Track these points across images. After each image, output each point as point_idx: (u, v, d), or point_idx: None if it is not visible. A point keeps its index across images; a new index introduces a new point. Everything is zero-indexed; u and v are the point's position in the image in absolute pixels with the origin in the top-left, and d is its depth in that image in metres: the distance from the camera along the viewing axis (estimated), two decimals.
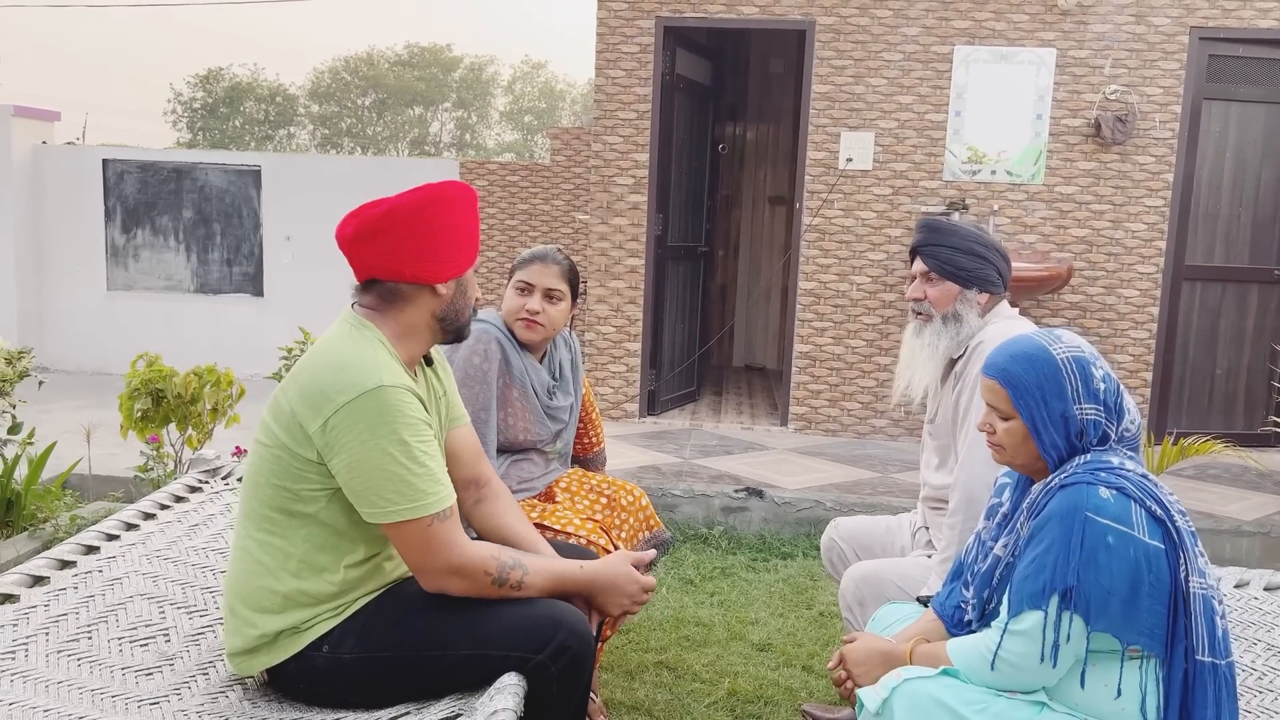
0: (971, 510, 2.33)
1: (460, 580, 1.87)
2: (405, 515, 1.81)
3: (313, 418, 1.81)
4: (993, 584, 1.91)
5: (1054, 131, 5.78)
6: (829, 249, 5.93)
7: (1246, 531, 4.38)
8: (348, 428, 1.79)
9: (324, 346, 1.91)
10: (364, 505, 1.83)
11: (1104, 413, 1.83)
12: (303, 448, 1.84)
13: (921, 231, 2.53)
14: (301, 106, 39.06)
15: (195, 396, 4.18)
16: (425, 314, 1.95)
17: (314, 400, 1.82)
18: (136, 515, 2.66)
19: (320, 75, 38.51)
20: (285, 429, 1.85)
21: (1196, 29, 5.68)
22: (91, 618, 2.15)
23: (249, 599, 1.92)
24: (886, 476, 5.07)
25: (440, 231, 1.90)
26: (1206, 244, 5.96)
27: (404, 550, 1.87)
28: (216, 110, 37.07)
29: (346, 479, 1.82)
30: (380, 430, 1.79)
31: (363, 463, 1.79)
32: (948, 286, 2.46)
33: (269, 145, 36.89)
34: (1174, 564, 1.72)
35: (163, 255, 8.05)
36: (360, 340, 1.89)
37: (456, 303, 1.98)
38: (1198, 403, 6.06)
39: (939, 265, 2.46)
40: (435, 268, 1.92)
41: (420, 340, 1.98)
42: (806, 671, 3.17)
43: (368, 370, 1.82)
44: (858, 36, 5.80)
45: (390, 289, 1.92)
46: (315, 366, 1.87)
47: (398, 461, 1.80)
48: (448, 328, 2.00)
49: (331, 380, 1.82)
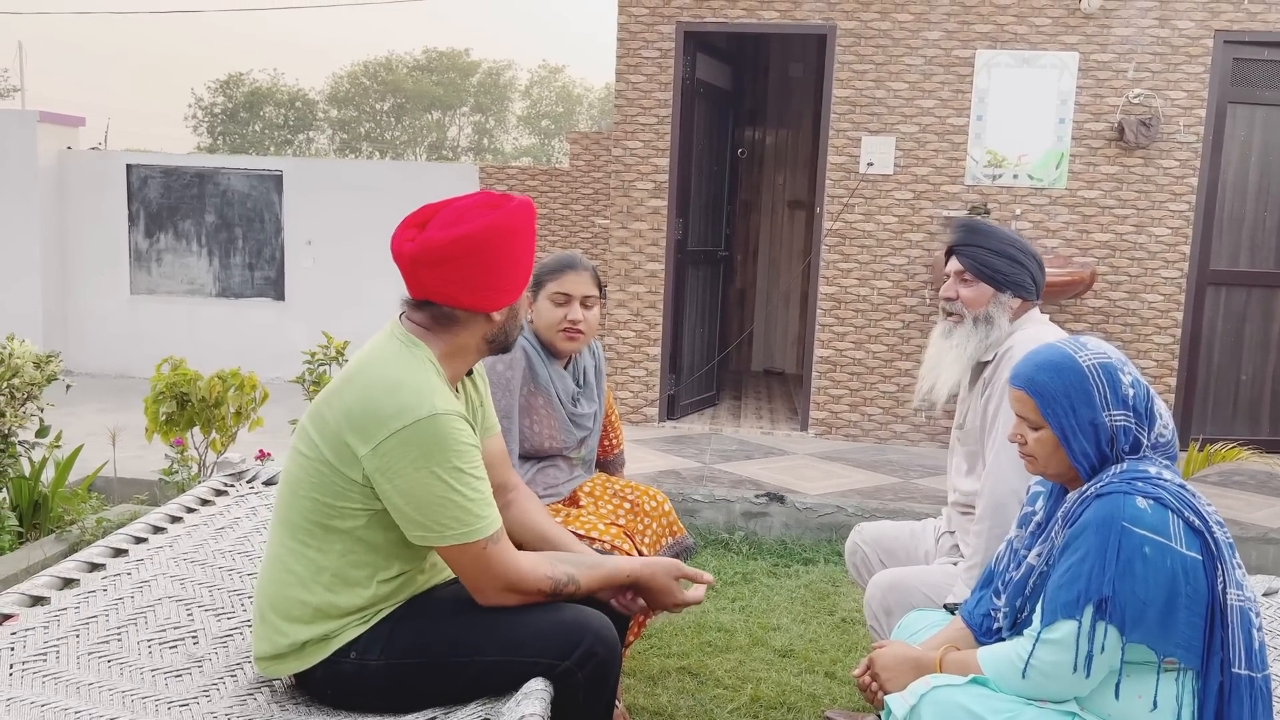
0: (999, 518, 2.32)
1: (516, 596, 1.89)
2: (461, 539, 1.81)
3: (363, 441, 1.79)
4: (1026, 593, 1.90)
5: (1076, 135, 5.74)
6: (850, 253, 5.91)
7: (1274, 539, 4.34)
8: (401, 454, 1.77)
9: (373, 364, 1.88)
10: (416, 529, 1.82)
11: (1134, 419, 1.81)
12: (348, 467, 1.82)
13: (959, 231, 2.50)
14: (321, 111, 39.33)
15: (219, 400, 4.21)
16: (477, 337, 1.93)
17: (365, 424, 1.80)
18: (164, 518, 2.67)
19: (339, 80, 38.76)
20: (330, 446, 1.83)
21: (1221, 32, 5.63)
22: (121, 620, 2.16)
23: (279, 607, 1.93)
24: (908, 482, 5.05)
25: (504, 262, 1.87)
26: (1231, 249, 5.91)
27: (459, 571, 1.88)
28: (237, 115, 37.36)
29: (398, 503, 1.81)
30: (435, 458, 1.78)
31: (417, 489, 1.79)
32: (982, 288, 2.44)
33: (288, 150, 37.14)
34: (1211, 576, 1.71)
35: (185, 259, 8.11)
36: (411, 361, 1.86)
37: (508, 325, 1.96)
38: (1223, 409, 6.00)
39: (975, 266, 2.44)
40: (494, 296, 1.89)
41: (467, 359, 1.96)
42: (829, 678, 3.16)
43: (421, 395, 1.80)
44: (879, 41, 5.78)
45: (445, 313, 1.89)
46: (366, 386, 1.84)
47: (453, 489, 1.79)
48: (495, 348, 1.99)
49: (384, 404, 1.79)
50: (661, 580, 2.05)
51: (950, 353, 2.47)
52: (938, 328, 2.55)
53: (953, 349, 2.46)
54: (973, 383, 2.52)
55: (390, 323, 1.96)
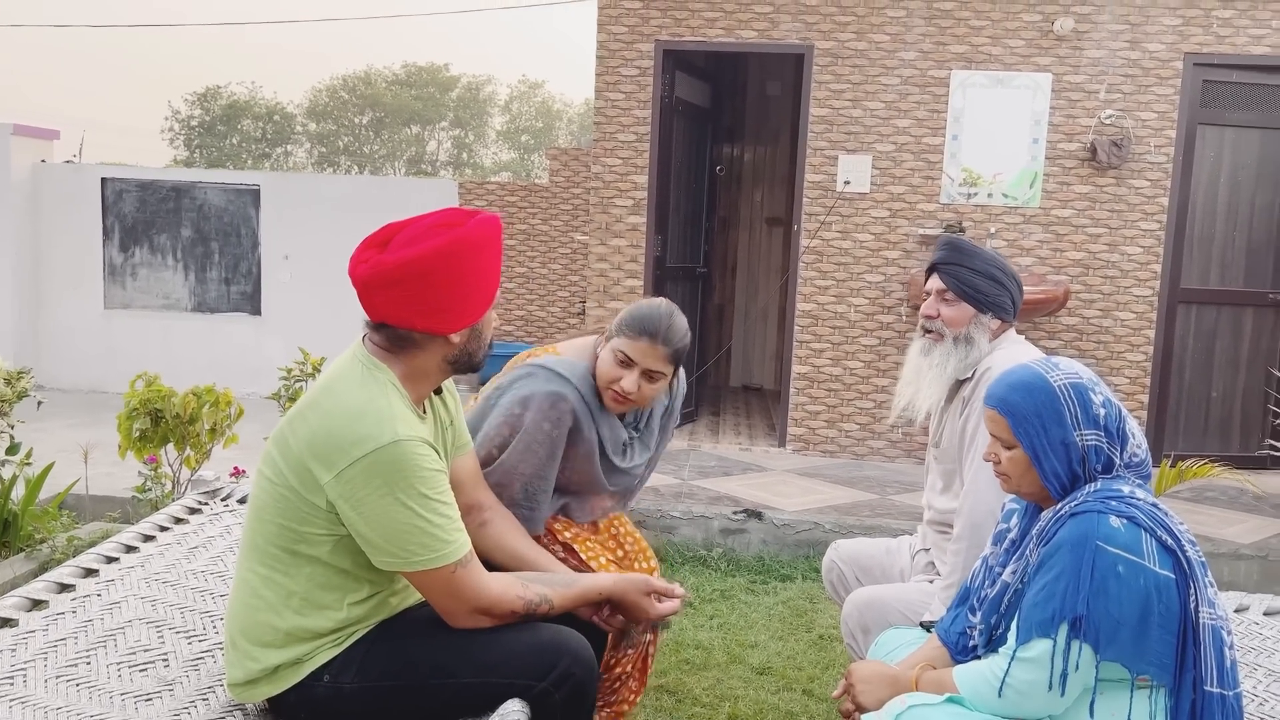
0: (976, 537, 2.33)
1: (488, 619, 1.88)
2: (429, 565, 1.79)
3: (326, 469, 1.77)
4: (1001, 610, 1.91)
5: (1050, 155, 5.82)
6: (827, 270, 5.95)
7: (1245, 555, 4.38)
8: (364, 482, 1.75)
9: (336, 388, 1.85)
10: (383, 556, 1.80)
11: (1105, 438, 1.83)
12: (312, 493, 1.80)
13: (943, 249, 2.50)
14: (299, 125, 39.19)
15: (194, 417, 4.17)
16: (436, 358, 1.89)
17: (327, 451, 1.77)
18: (136, 537, 2.65)
19: (318, 94, 38.65)
20: (294, 471, 1.81)
21: (1191, 55, 5.73)
22: (90, 642, 2.13)
23: (249, 632, 1.90)
24: (885, 498, 5.07)
25: (459, 283, 1.81)
26: (1201, 267, 5.99)
27: (429, 596, 1.86)
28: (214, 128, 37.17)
29: (363, 530, 1.78)
30: (398, 485, 1.75)
31: (381, 516, 1.76)
32: (964, 308, 2.44)
33: (266, 163, 36.97)
34: (1184, 594, 1.72)
35: (160, 274, 8.05)
36: (374, 385, 1.83)
37: (469, 346, 1.91)
38: (1194, 425, 6.07)
39: (958, 285, 2.45)
40: (450, 319, 1.84)
41: (430, 381, 1.93)
42: (807, 695, 3.16)
43: (383, 422, 1.77)
44: (855, 61, 5.84)
45: (402, 335, 1.85)
46: (328, 412, 1.81)
47: (419, 515, 1.77)
48: (459, 369, 1.94)
49: (345, 431, 1.76)
50: (634, 596, 2.06)
51: (929, 371, 2.47)
52: (915, 344, 2.54)
53: (932, 368, 2.46)
54: (950, 401, 2.53)
55: (354, 344, 1.93)
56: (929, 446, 2.65)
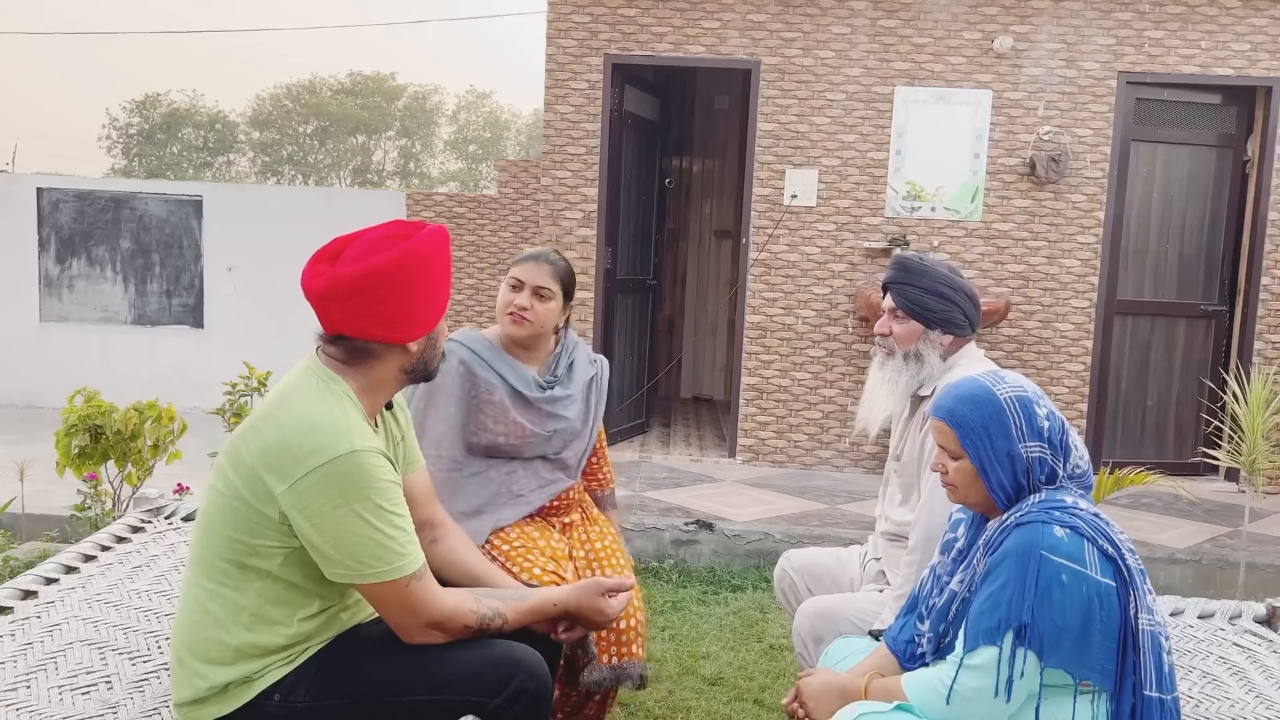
0: (929, 549, 2.36)
1: (441, 633, 1.87)
2: (383, 577, 1.78)
3: (280, 479, 1.76)
4: (949, 618, 1.95)
5: (991, 170, 5.95)
6: (775, 283, 6.02)
7: (1180, 559, 4.52)
8: (319, 493, 1.74)
9: (290, 400, 1.85)
10: (336, 568, 1.79)
11: (1049, 450, 1.88)
12: (265, 505, 1.78)
13: (894, 269, 2.57)
14: (242, 133, 38.59)
15: (136, 433, 4.09)
16: (394, 369, 1.90)
17: (282, 461, 1.76)
18: (76, 557, 2.59)
19: (261, 102, 38.11)
20: (246, 483, 1.79)
21: (1124, 73, 5.91)
22: (30, 665, 2.08)
23: (197, 649, 1.87)
24: (834, 508, 5.13)
25: (415, 292, 1.84)
26: (1136, 280, 6.17)
27: (382, 609, 1.85)
28: (153, 137, 36.47)
29: (316, 542, 1.77)
30: (353, 496, 1.75)
31: (335, 527, 1.75)
32: (912, 325, 2.50)
33: (208, 173, 36.34)
34: (1124, 601, 1.77)
35: (99, 286, 7.87)
36: (329, 397, 1.83)
37: (426, 355, 1.93)
38: (1131, 433, 6.24)
39: (906, 304, 2.51)
40: (407, 328, 1.86)
41: (385, 392, 1.93)
42: (759, 705, 3.18)
43: (339, 433, 1.77)
44: (802, 76, 5.92)
45: (360, 346, 1.86)
46: (283, 424, 1.80)
47: (373, 526, 1.76)
48: (415, 378, 1.97)
49: (301, 442, 1.76)
50: (587, 602, 2.04)
51: (883, 385, 2.53)
52: (875, 360, 2.62)
53: (885, 382, 2.53)
54: (911, 416, 2.58)
55: (307, 357, 1.92)
56: (890, 460, 2.69)
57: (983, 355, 2.60)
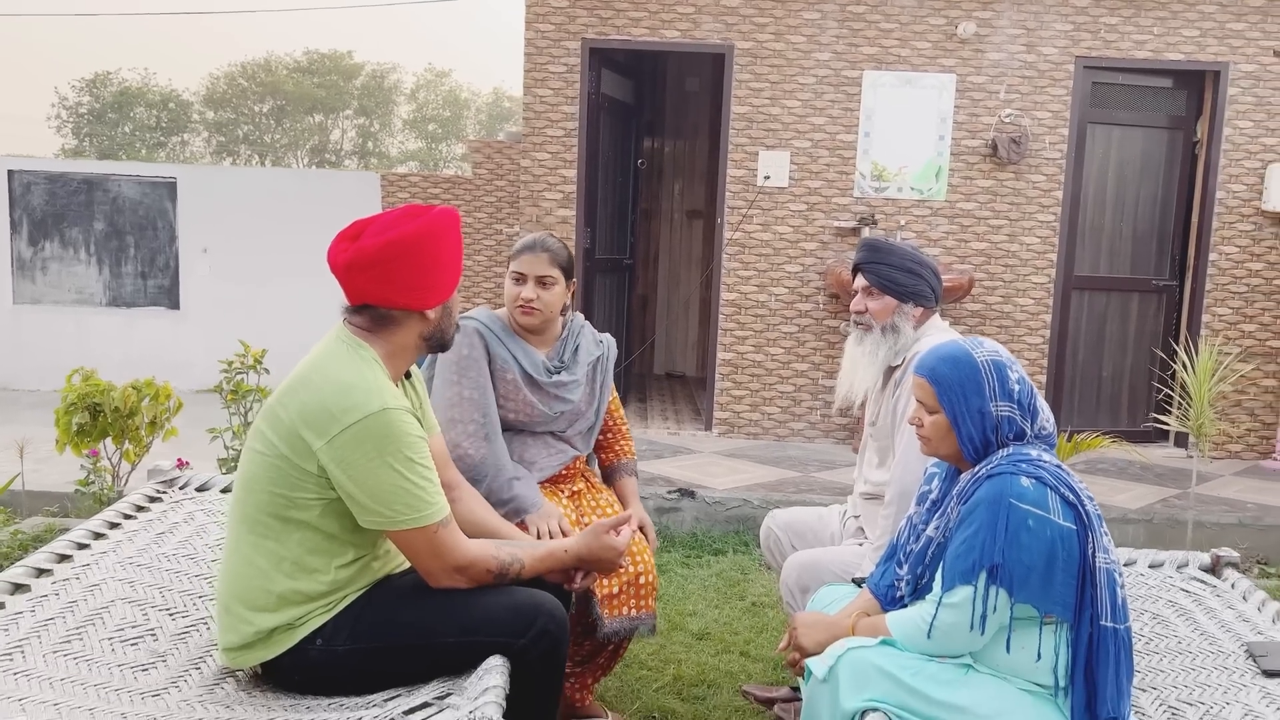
0: (904, 503, 2.57)
1: (465, 577, 2.04)
2: (413, 524, 1.96)
3: (317, 436, 1.92)
4: (925, 562, 2.15)
5: (955, 151, 6.18)
6: (749, 261, 6.21)
7: (1132, 519, 4.80)
8: (355, 447, 1.91)
9: (324, 365, 2.01)
10: (370, 516, 1.96)
11: (1018, 410, 2.08)
12: (304, 460, 1.95)
13: (864, 250, 2.77)
14: (196, 113, 37.90)
15: (133, 410, 4.19)
16: (414, 335, 2.08)
17: (320, 419, 1.93)
18: (102, 525, 2.72)
19: (215, 81, 37.42)
20: (285, 441, 1.96)
21: (1081, 58, 6.15)
22: (79, 621, 2.22)
23: (243, 598, 2.04)
24: (807, 476, 5.35)
25: (433, 262, 2.03)
26: (1093, 256, 6.45)
27: (412, 555, 2.02)
28: (105, 116, 35.72)
29: (353, 492, 1.94)
30: (387, 449, 1.92)
31: (370, 479, 1.92)
32: (886, 301, 2.71)
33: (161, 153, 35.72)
34: (1084, 543, 1.97)
35: (73, 268, 7.88)
36: (359, 362, 2.01)
37: (443, 323, 2.12)
38: (1087, 402, 6.54)
39: (878, 281, 2.71)
40: (426, 295, 2.04)
41: (408, 358, 2.11)
42: (744, 656, 3.39)
43: (371, 393, 1.95)
44: (774, 61, 6.10)
45: (382, 314, 2.04)
46: (318, 387, 1.97)
47: (404, 477, 1.94)
48: (433, 345, 2.14)
49: (336, 401, 1.93)
50: (597, 544, 2.21)
51: (863, 359, 2.73)
52: (851, 336, 2.81)
53: (865, 355, 2.73)
54: (884, 385, 2.79)
55: (335, 327, 2.09)
56: (866, 426, 2.90)
57: (947, 326, 2.81)
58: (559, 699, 2.22)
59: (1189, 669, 2.40)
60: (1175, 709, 2.22)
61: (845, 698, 1.98)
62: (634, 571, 2.64)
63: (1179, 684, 2.33)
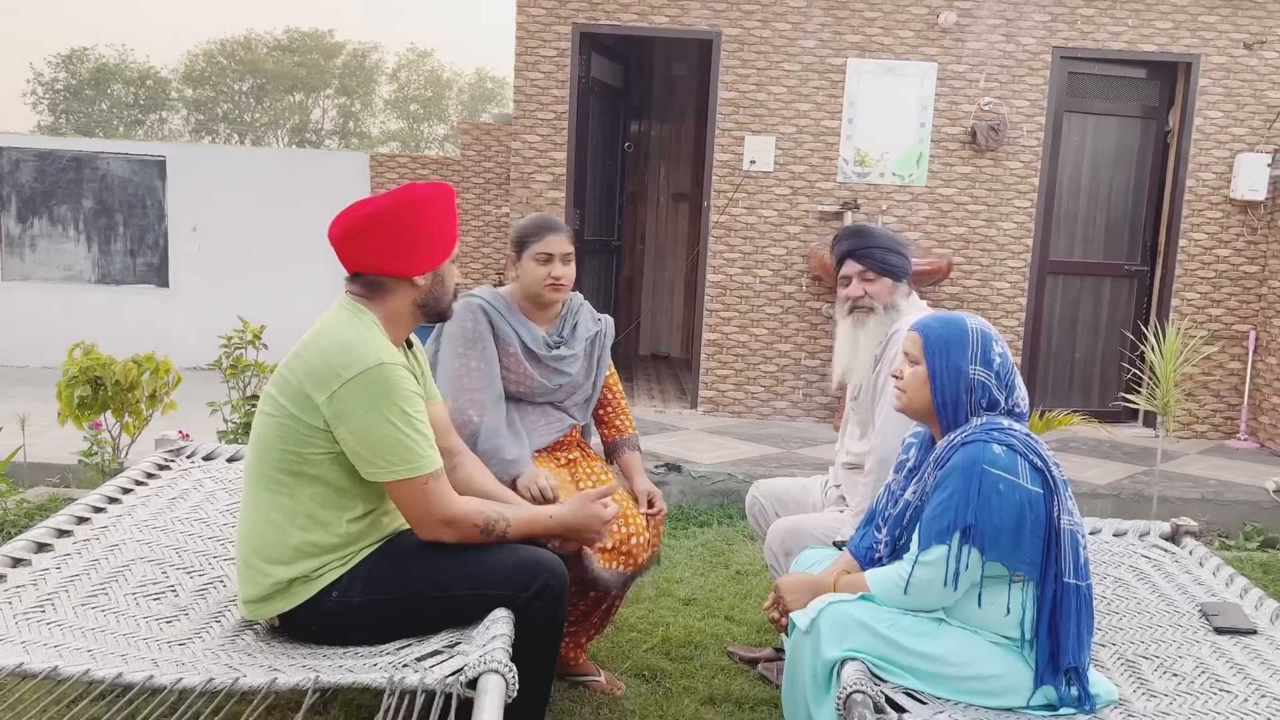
0: (882, 471, 2.73)
1: (452, 530, 2.17)
2: (405, 474, 2.09)
3: (321, 390, 2.07)
4: (903, 524, 2.30)
5: (935, 138, 6.33)
6: (734, 244, 6.35)
7: (1101, 494, 4.99)
8: (353, 399, 2.05)
9: (327, 328, 2.16)
10: (367, 466, 2.09)
11: (994, 380, 2.23)
12: (310, 416, 2.09)
13: (852, 238, 2.88)
14: (174, 90, 37.51)
15: (134, 384, 4.29)
16: (407, 302, 2.22)
17: (322, 376, 2.07)
18: (116, 490, 2.85)
19: (194, 58, 37.05)
20: (293, 400, 2.10)
21: (1059, 48, 6.31)
22: (103, 577, 2.35)
23: (261, 551, 2.17)
24: (789, 452, 5.51)
25: (414, 231, 2.16)
26: (1067, 241, 6.63)
27: (403, 505, 2.15)
28: (81, 93, 35.30)
29: (352, 444, 2.08)
30: (382, 401, 2.06)
31: (367, 430, 2.06)
32: (884, 282, 2.84)
33: (139, 130, 35.38)
34: (1050, 505, 2.11)
35: (62, 245, 7.91)
36: (359, 324, 2.15)
37: (434, 291, 2.24)
38: (1060, 383, 6.73)
39: (875, 264, 2.83)
40: (410, 262, 2.18)
41: (405, 324, 2.25)
42: (729, 620, 3.54)
43: (369, 349, 2.09)
44: (760, 47, 6.22)
45: (373, 280, 2.19)
46: (322, 348, 2.11)
47: (398, 429, 2.07)
48: (429, 313, 2.28)
49: (338, 358, 2.08)
50: (584, 516, 2.36)
51: (865, 340, 2.84)
52: (846, 321, 2.88)
53: (867, 336, 2.83)
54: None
55: (340, 297, 2.24)
56: (848, 400, 3.04)
57: (925, 305, 2.96)
58: (558, 651, 2.36)
59: (1146, 627, 2.57)
60: (1132, 662, 2.39)
61: (826, 647, 2.12)
62: (625, 533, 2.79)
63: (1136, 640, 2.50)
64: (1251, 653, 2.36)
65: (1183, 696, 2.19)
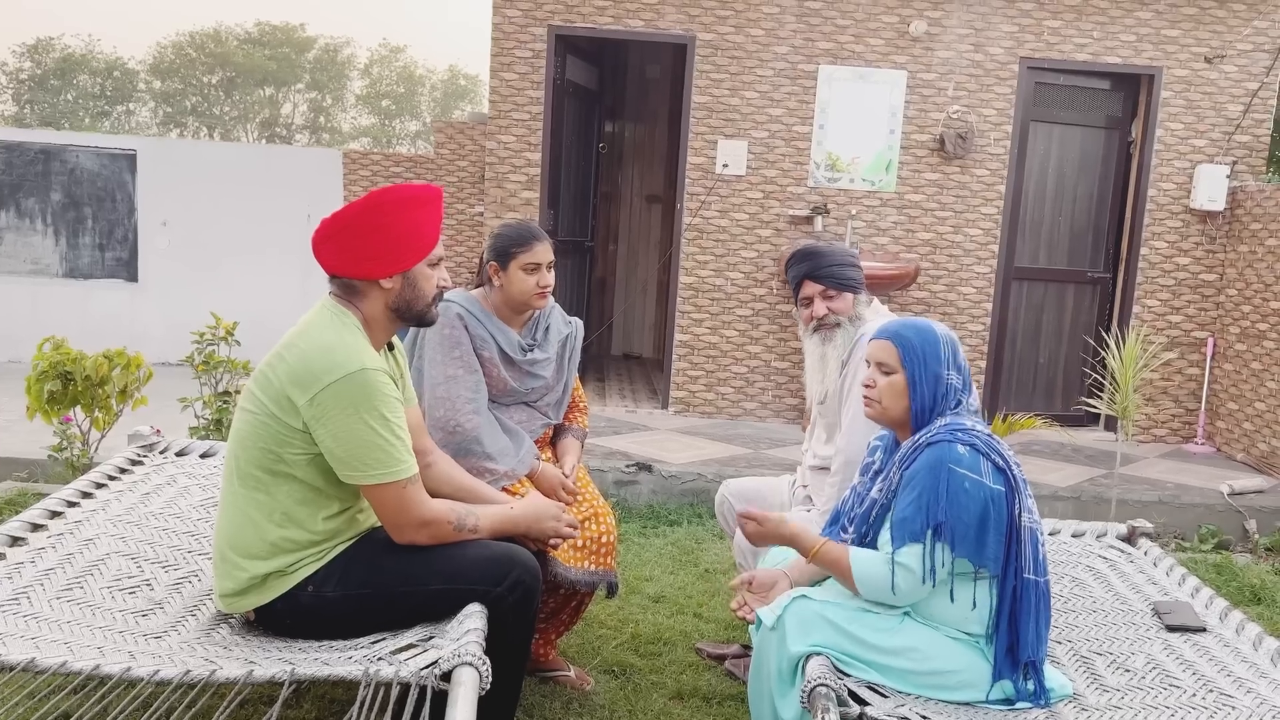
0: (849, 472, 2.80)
1: (427, 532, 2.21)
2: (383, 479, 2.12)
3: (301, 393, 2.09)
4: (869, 521, 2.36)
5: (904, 145, 6.43)
6: (706, 247, 6.42)
7: (1062, 496, 5.10)
8: (334, 403, 2.08)
9: (310, 330, 2.18)
10: (346, 470, 2.12)
11: (961, 381, 2.31)
12: (290, 417, 2.11)
13: (807, 260, 2.92)
14: (142, 82, 37.05)
15: (104, 379, 4.27)
16: (380, 305, 2.23)
17: (303, 378, 2.10)
18: (89, 485, 2.85)
19: (163, 50, 36.61)
20: (274, 401, 2.13)
21: (1025, 59, 6.43)
22: (78, 571, 2.37)
23: (238, 547, 2.19)
24: (758, 452, 5.59)
25: (384, 233, 2.16)
26: (1032, 248, 6.75)
27: (380, 509, 2.18)
28: (46, 83, 34.79)
29: (331, 446, 2.10)
30: (363, 406, 2.09)
31: (347, 434, 2.09)
32: (845, 297, 2.91)
33: (105, 122, 34.92)
34: (1011, 503, 2.19)
35: (28, 238, 7.83)
36: (341, 327, 2.18)
37: (405, 295, 2.24)
38: (1024, 387, 6.86)
39: (835, 282, 2.89)
40: (376, 266, 2.19)
41: (383, 327, 2.26)
42: (697, 618, 3.60)
43: (350, 354, 2.12)
44: (734, 52, 6.29)
45: (346, 283, 2.22)
46: (304, 351, 2.13)
47: (377, 434, 2.10)
48: (404, 316, 2.27)
49: (319, 362, 2.10)
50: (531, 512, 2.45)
51: (833, 354, 2.90)
52: (813, 339, 2.93)
53: (835, 351, 2.89)
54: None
55: (324, 297, 2.26)
56: (815, 405, 3.11)
57: (886, 310, 3.04)
58: (530, 645, 2.40)
59: (1101, 625, 2.66)
60: (1086, 659, 2.47)
61: (792, 643, 2.18)
62: (597, 531, 2.84)
63: (1091, 637, 2.58)
64: (1200, 650, 2.45)
65: (1134, 691, 2.28)
